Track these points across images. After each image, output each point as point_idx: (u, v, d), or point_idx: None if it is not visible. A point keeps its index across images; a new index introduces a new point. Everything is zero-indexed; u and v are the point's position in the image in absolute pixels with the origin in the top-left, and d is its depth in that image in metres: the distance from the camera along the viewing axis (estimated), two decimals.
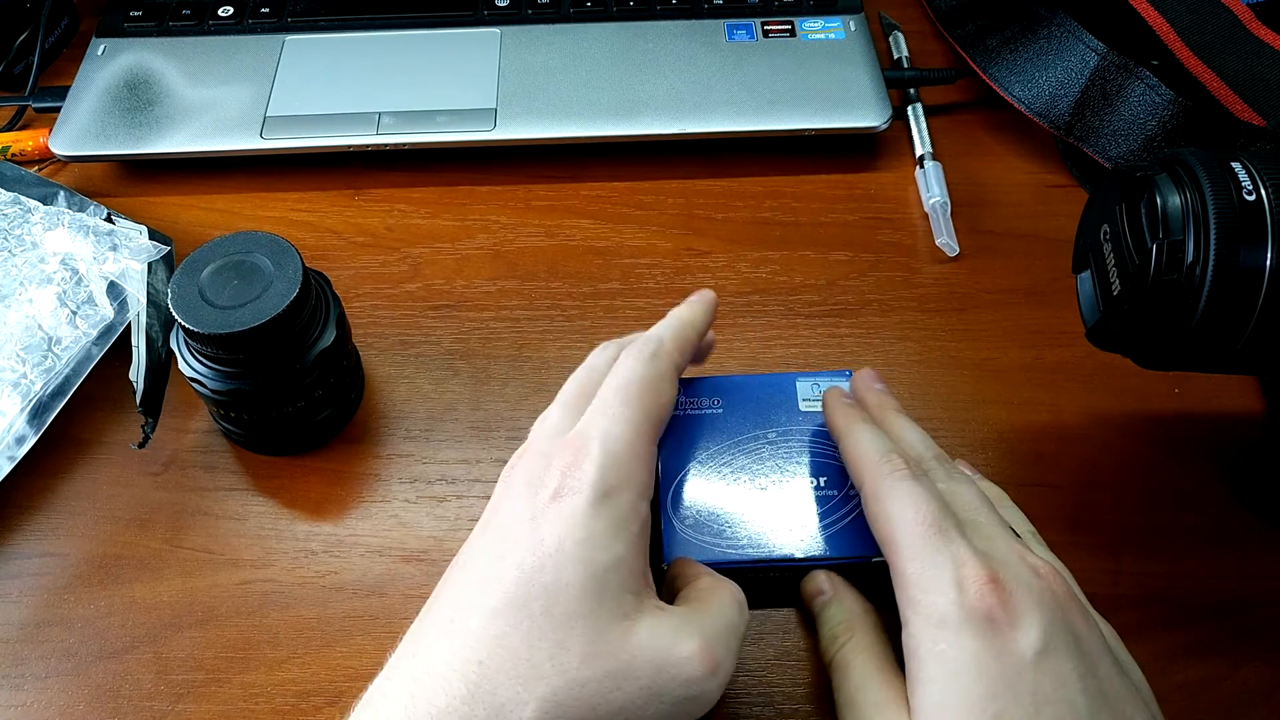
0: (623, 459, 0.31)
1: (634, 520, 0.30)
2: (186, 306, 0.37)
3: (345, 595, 0.40)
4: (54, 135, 0.53)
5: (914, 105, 0.56)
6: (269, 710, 0.37)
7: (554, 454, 0.31)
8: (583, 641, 0.28)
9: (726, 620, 0.31)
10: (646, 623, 0.29)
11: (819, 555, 0.36)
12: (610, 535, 0.29)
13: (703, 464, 0.38)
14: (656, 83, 0.54)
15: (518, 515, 0.30)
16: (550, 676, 0.28)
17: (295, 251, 0.39)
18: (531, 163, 0.54)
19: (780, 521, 0.37)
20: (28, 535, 0.41)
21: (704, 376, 0.41)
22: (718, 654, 0.30)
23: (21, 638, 0.39)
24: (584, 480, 0.30)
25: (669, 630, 0.29)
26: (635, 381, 0.33)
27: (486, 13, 0.58)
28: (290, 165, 0.53)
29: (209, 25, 0.58)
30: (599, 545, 0.29)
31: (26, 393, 0.42)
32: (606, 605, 0.29)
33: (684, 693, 0.29)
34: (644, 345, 0.34)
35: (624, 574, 0.29)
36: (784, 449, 0.39)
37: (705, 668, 0.29)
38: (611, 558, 0.29)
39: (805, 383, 0.40)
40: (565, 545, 0.29)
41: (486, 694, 0.27)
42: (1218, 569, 0.40)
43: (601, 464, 0.30)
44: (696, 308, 0.37)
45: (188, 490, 0.43)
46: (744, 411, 0.40)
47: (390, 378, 0.46)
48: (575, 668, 0.28)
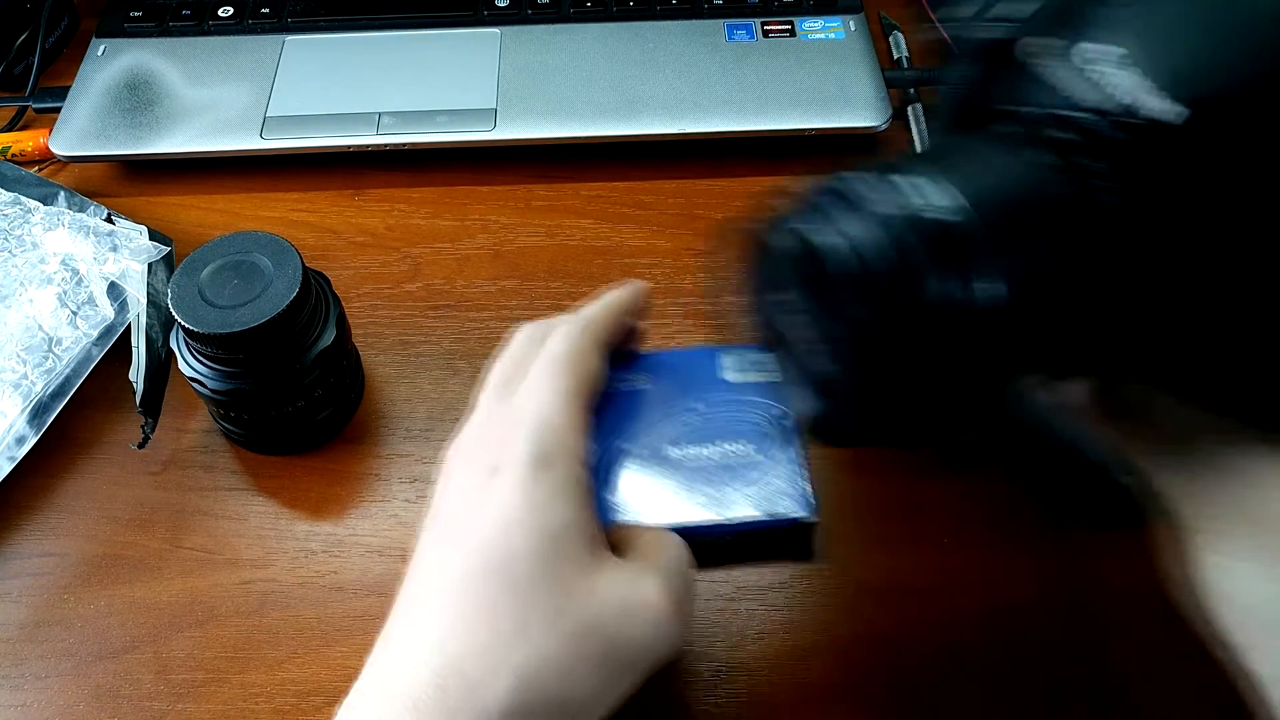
0: (556, 426, 0.31)
1: (575, 484, 0.30)
2: (186, 306, 0.37)
3: (345, 595, 0.40)
4: (54, 135, 0.53)
5: (914, 105, 0.56)
6: (269, 710, 0.37)
7: (488, 434, 0.32)
8: (545, 603, 0.28)
9: (677, 562, 0.32)
10: (604, 576, 0.30)
11: (747, 519, 0.37)
12: (554, 500, 0.30)
13: (632, 438, 0.39)
14: (656, 83, 0.54)
15: (461, 497, 0.31)
16: (519, 645, 0.28)
17: (295, 251, 0.39)
18: (531, 163, 0.54)
19: (709, 489, 0.37)
20: (28, 535, 0.41)
21: (631, 352, 0.41)
22: (678, 592, 0.30)
23: (21, 638, 0.39)
24: (520, 451, 0.30)
25: (628, 578, 0.30)
26: (562, 355, 0.33)
27: (486, 13, 0.58)
28: (290, 165, 0.53)
29: (209, 25, 0.58)
30: (544, 511, 0.29)
31: (27, 394, 0.42)
32: (563, 566, 0.29)
33: (652, 633, 0.29)
34: (570, 323, 0.35)
35: (575, 535, 0.30)
36: (710, 418, 0.39)
37: (667, 603, 0.30)
38: (559, 520, 0.29)
39: (731, 355, 0.41)
40: (511, 516, 0.29)
41: (455, 673, 0.27)
42: None
43: (535, 434, 0.30)
44: (624, 290, 0.38)
45: (188, 490, 0.43)
46: (671, 385, 0.40)
47: (390, 378, 0.46)
48: (543, 629, 0.28)
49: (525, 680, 0.27)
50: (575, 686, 0.28)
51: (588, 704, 0.28)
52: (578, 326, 0.34)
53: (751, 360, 0.40)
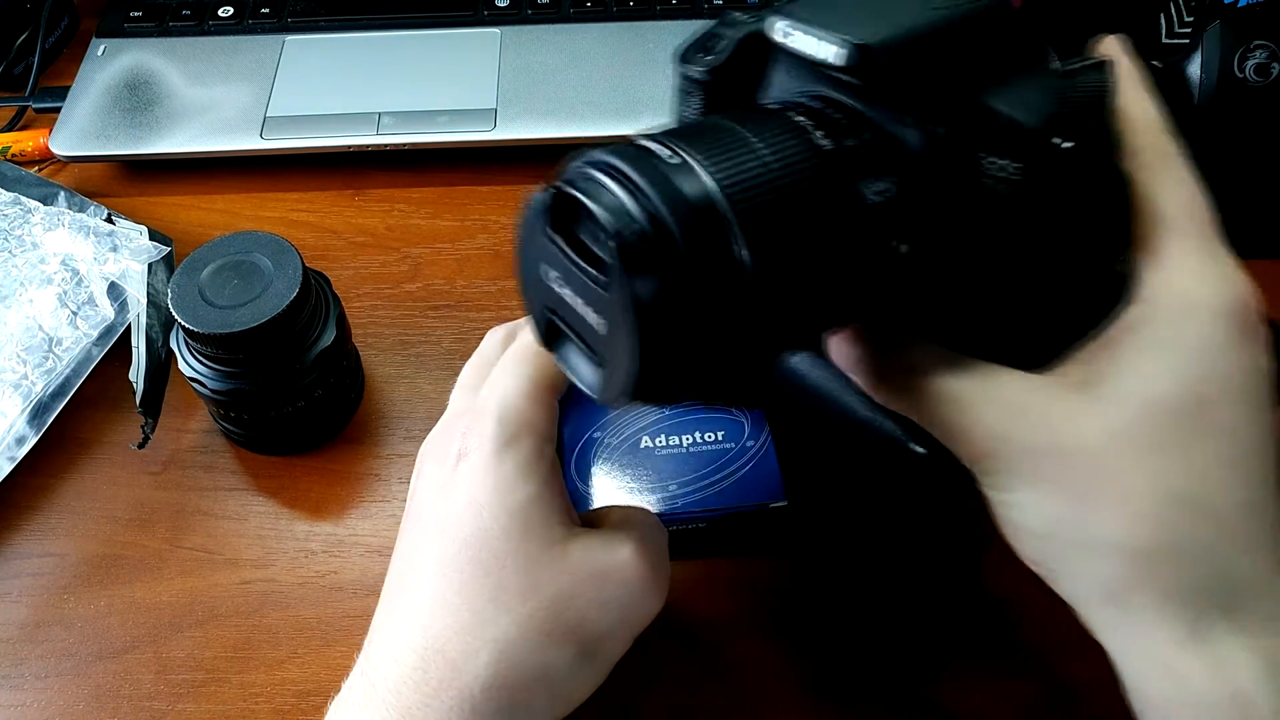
0: (519, 408, 0.31)
1: (540, 462, 0.30)
2: (186, 306, 0.37)
3: (345, 595, 0.40)
4: (54, 135, 0.53)
5: None
6: (269, 710, 0.37)
7: (455, 426, 0.32)
8: (518, 577, 0.28)
9: (649, 528, 0.32)
10: (578, 544, 0.30)
11: (720, 506, 0.37)
12: (519, 477, 0.30)
13: (604, 428, 0.40)
14: (656, 83, 0.54)
15: (430, 487, 0.31)
16: (496, 619, 0.28)
17: (295, 251, 0.39)
18: (531, 163, 0.54)
19: (682, 478, 0.38)
20: (28, 535, 0.41)
21: None
22: (651, 550, 0.30)
23: (21, 638, 0.39)
24: (484, 436, 0.30)
25: (601, 543, 0.30)
26: (528, 345, 0.33)
27: (486, 13, 0.58)
28: (290, 165, 0.53)
29: (209, 25, 0.58)
30: (510, 488, 0.29)
31: (28, 394, 0.42)
32: (532, 539, 0.29)
33: (630, 594, 0.29)
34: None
35: (543, 509, 0.30)
36: (681, 408, 0.40)
37: (644, 567, 0.30)
38: (525, 495, 0.29)
39: None
40: (477, 497, 0.29)
41: (436, 654, 0.28)
42: None
43: (498, 417, 0.30)
44: None
45: (188, 490, 0.43)
46: None
47: (390, 378, 0.46)
48: (518, 603, 0.28)
49: (503, 655, 0.28)
50: (554, 660, 0.28)
51: (568, 677, 0.29)
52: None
53: None
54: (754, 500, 0.37)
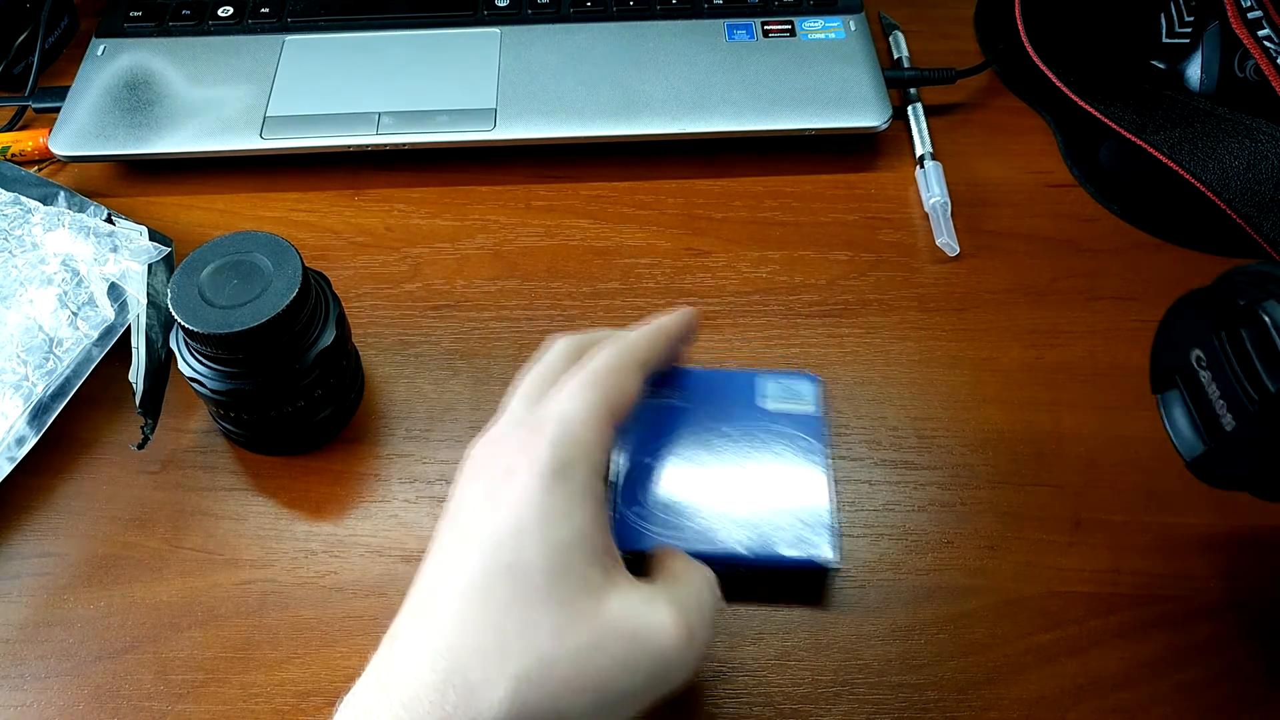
0: (578, 436, 0.30)
1: (590, 496, 0.30)
2: (186, 306, 0.37)
3: (345, 595, 0.40)
4: (54, 135, 0.53)
5: (914, 105, 0.56)
6: (269, 710, 0.37)
7: (511, 437, 0.31)
8: (551, 618, 0.28)
9: (698, 592, 0.31)
10: (617, 595, 0.29)
11: (765, 554, 0.36)
12: (568, 510, 0.29)
13: (658, 455, 0.38)
14: (656, 83, 0.54)
15: (475, 497, 0.30)
16: (520, 655, 0.27)
17: (295, 251, 0.39)
18: (531, 163, 0.54)
19: (730, 518, 0.37)
20: (28, 535, 0.41)
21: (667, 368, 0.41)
22: (692, 623, 0.30)
23: (21, 638, 0.39)
24: (538, 457, 0.30)
25: (640, 601, 0.29)
26: (599, 369, 0.33)
27: (486, 13, 0.58)
28: (290, 165, 0.53)
29: (209, 25, 0.58)
30: (557, 521, 0.29)
31: (28, 395, 0.42)
32: (572, 580, 0.29)
33: (658, 664, 0.29)
34: (614, 340, 0.34)
35: (587, 549, 0.29)
36: (741, 444, 0.39)
37: (679, 636, 0.29)
38: (572, 533, 0.29)
39: (766, 380, 0.40)
40: (524, 523, 0.29)
41: (458, 677, 0.27)
42: (1217, 569, 0.40)
43: (555, 440, 0.30)
44: (675, 316, 0.37)
45: (187, 490, 0.43)
46: (704, 405, 0.39)
47: (390, 378, 0.46)
48: (545, 644, 0.28)
49: (521, 693, 0.27)
50: (568, 709, 0.28)
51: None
52: (621, 345, 0.34)
53: (791, 389, 0.40)
54: (804, 554, 0.36)
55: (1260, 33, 0.49)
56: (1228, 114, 0.49)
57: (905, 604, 0.39)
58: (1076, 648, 0.38)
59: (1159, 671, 0.37)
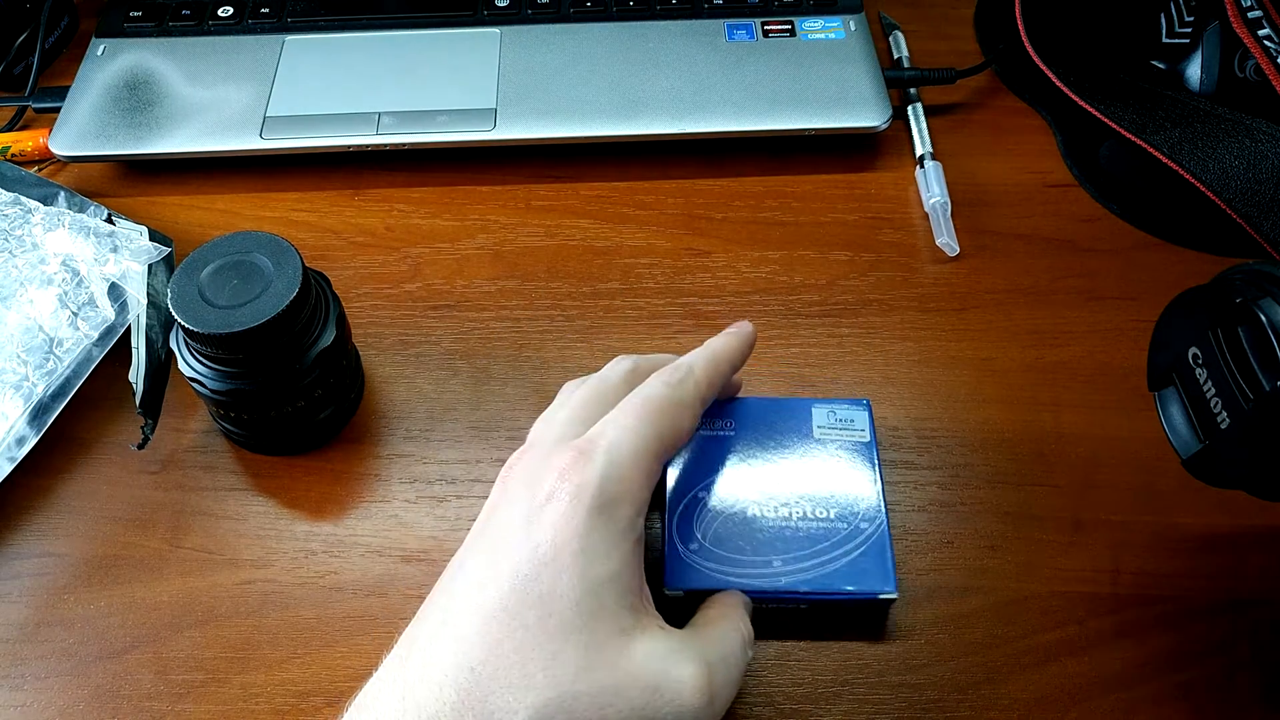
0: (626, 472, 0.30)
1: (630, 535, 0.30)
2: (186, 306, 0.37)
3: (345, 595, 0.40)
4: (54, 135, 0.53)
5: (914, 105, 0.56)
6: (269, 710, 0.37)
7: (555, 457, 0.31)
8: (577, 654, 0.28)
9: (727, 649, 0.31)
10: (644, 641, 0.29)
11: (822, 590, 0.35)
12: (607, 548, 0.29)
13: (711, 487, 0.37)
14: (656, 83, 0.54)
15: (513, 517, 0.30)
16: (543, 687, 0.27)
17: (295, 251, 0.39)
18: (531, 163, 0.54)
19: (785, 552, 0.36)
20: (28, 535, 0.41)
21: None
22: (715, 680, 0.29)
23: (21, 638, 0.39)
24: (584, 487, 0.29)
25: (666, 651, 0.29)
26: (655, 400, 0.32)
27: (486, 13, 0.58)
28: (290, 165, 0.53)
29: (209, 25, 0.58)
30: (595, 557, 0.29)
31: (29, 395, 0.42)
32: (603, 619, 0.28)
33: (676, 718, 0.28)
34: (673, 371, 0.33)
35: (620, 588, 0.29)
36: (795, 476, 0.38)
37: (701, 693, 0.29)
38: (608, 571, 0.29)
39: (821, 409, 0.39)
40: (561, 554, 0.28)
41: (477, 701, 0.27)
42: (1217, 569, 0.40)
43: (604, 473, 0.29)
44: (733, 340, 0.36)
45: (187, 490, 0.43)
46: (756, 435, 0.39)
47: (390, 378, 0.46)
48: (568, 680, 0.27)
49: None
50: None
51: None
52: (678, 375, 0.33)
53: (844, 418, 0.39)
54: (864, 587, 0.35)
55: (1260, 32, 0.49)
56: (1228, 114, 0.49)
57: (905, 604, 0.39)
58: (1076, 648, 0.38)
59: (1159, 671, 0.37)
